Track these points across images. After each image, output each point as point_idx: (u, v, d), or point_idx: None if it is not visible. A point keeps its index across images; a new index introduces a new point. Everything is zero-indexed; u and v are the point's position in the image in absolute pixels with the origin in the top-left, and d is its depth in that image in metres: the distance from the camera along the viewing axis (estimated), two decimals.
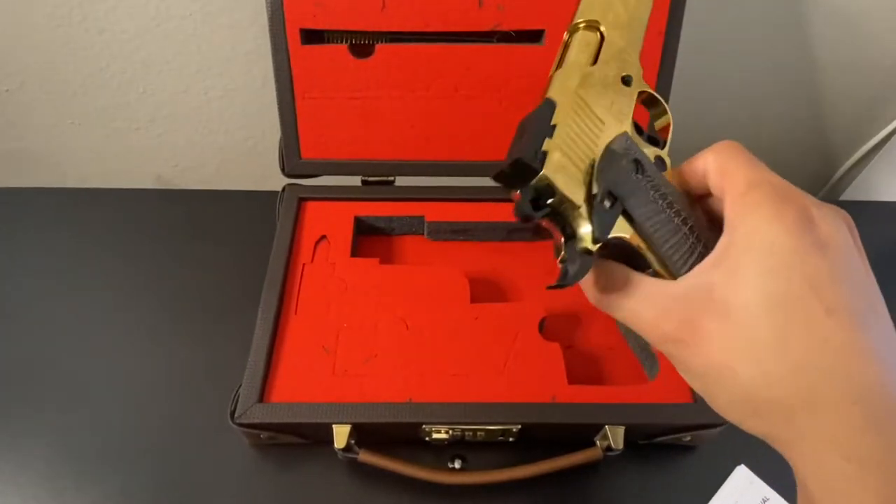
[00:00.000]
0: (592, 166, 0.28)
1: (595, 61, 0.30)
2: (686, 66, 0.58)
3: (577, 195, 0.28)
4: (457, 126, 0.61)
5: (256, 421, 0.48)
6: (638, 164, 0.29)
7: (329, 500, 0.50)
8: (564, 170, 0.27)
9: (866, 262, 0.25)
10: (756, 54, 0.74)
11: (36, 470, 0.51)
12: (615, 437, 0.48)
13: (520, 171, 0.27)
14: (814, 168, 0.90)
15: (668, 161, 0.31)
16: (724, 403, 0.26)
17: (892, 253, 0.67)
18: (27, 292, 0.62)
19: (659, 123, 0.33)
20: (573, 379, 0.51)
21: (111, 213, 0.68)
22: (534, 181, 0.27)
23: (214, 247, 0.66)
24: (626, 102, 0.30)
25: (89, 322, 0.60)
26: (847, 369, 0.23)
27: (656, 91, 0.32)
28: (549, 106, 0.28)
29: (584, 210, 0.28)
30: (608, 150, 0.29)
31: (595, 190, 0.28)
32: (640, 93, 0.31)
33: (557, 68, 0.31)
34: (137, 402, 0.55)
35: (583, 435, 0.50)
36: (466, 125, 0.61)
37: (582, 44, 0.31)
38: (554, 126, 0.28)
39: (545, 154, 0.27)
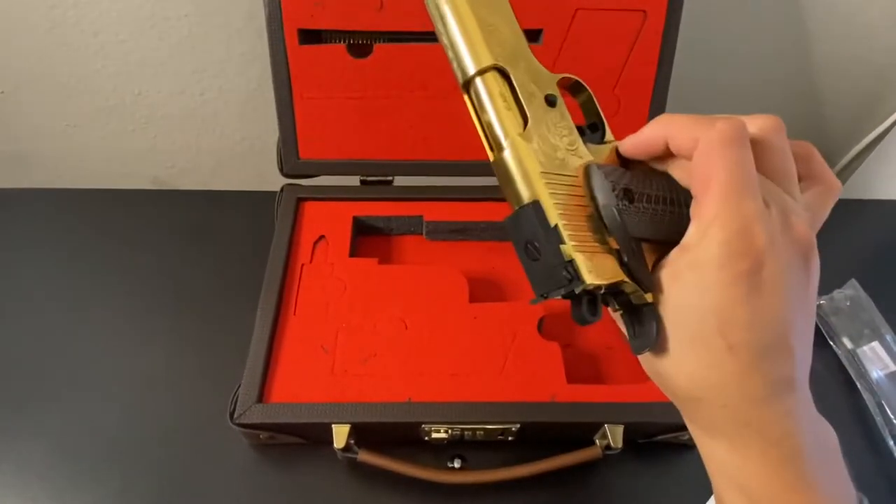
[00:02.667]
0: (597, 223, 0.26)
1: (524, 120, 0.27)
2: (682, 64, 0.58)
3: (616, 273, 0.25)
4: (455, 126, 0.61)
5: (255, 421, 0.48)
6: (625, 193, 0.26)
7: (328, 500, 0.50)
8: (593, 261, 0.25)
9: (812, 292, 0.26)
10: (751, 52, 0.75)
11: (35, 470, 0.51)
12: (614, 435, 0.49)
13: (563, 296, 0.26)
14: None
15: (610, 136, 0.29)
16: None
17: (887, 251, 0.67)
18: (25, 293, 0.61)
19: (582, 99, 0.30)
20: (572, 378, 0.51)
21: (108, 215, 0.68)
22: (582, 295, 0.25)
23: (213, 248, 0.65)
24: (564, 123, 0.28)
25: (87, 323, 0.59)
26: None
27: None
28: (536, 209, 0.26)
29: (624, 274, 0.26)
30: (603, 209, 0.26)
31: (620, 249, 0.26)
32: (560, 81, 0.29)
33: (486, 135, 0.29)
34: (136, 402, 0.55)
35: (582, 434, 0.50)
36: (465, 125, 0.60)
37: (502, 109, 0.28)
38: (555, 227, 0.25)
39: (573, 264, 0.25)
